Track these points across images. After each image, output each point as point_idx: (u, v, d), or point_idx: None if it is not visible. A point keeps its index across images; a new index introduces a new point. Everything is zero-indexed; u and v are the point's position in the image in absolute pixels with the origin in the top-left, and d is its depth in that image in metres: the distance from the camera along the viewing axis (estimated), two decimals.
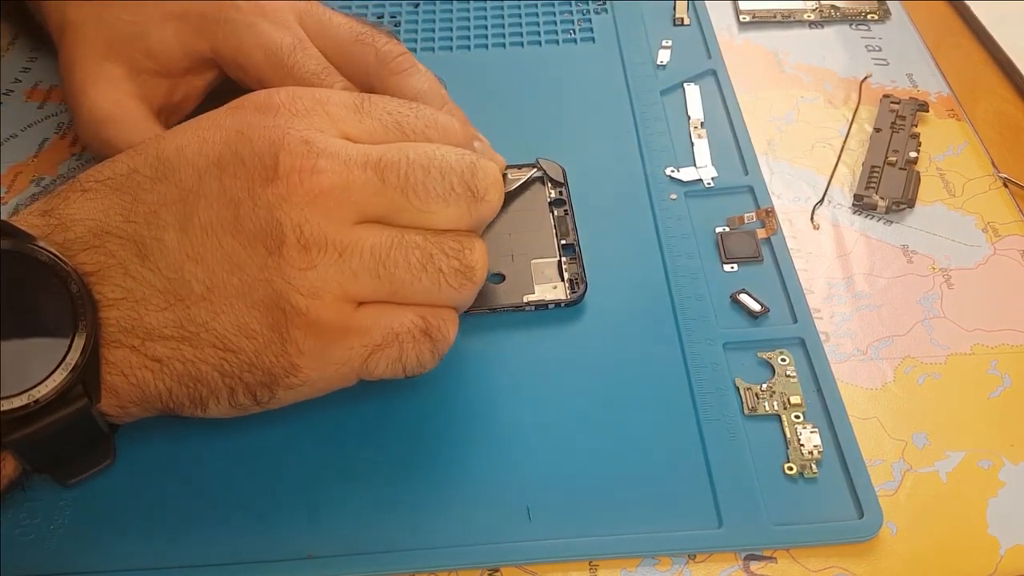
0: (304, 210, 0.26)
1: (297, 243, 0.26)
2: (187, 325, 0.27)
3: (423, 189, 0.27)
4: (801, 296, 0.35)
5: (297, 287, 0.26)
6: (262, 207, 0.26)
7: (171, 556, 0.29)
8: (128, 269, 0.26)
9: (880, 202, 0.38)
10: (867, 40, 0.47)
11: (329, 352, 0.27)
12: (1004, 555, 0.28)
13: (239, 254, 0.26)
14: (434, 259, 0.28)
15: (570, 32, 0.48)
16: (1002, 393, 0.32)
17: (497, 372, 0.33)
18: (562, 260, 0.36)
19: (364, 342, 0.28)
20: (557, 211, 0.38)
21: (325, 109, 0.29)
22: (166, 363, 0.27)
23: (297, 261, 0.26)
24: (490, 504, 0.29)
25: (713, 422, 0.31)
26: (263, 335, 0.27)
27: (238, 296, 0.26)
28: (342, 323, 0.27)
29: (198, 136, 0.28)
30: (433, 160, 0.28)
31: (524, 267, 0.36)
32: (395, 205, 0.27)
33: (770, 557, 0.28)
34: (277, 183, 0.26)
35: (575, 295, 0.35)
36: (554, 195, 0.38)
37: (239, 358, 0.27)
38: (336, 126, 0.28)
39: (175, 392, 0.27)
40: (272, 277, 0.26)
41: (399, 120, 0.29)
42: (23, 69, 0.47)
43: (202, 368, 0.27)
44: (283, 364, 0.27)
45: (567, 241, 0.37)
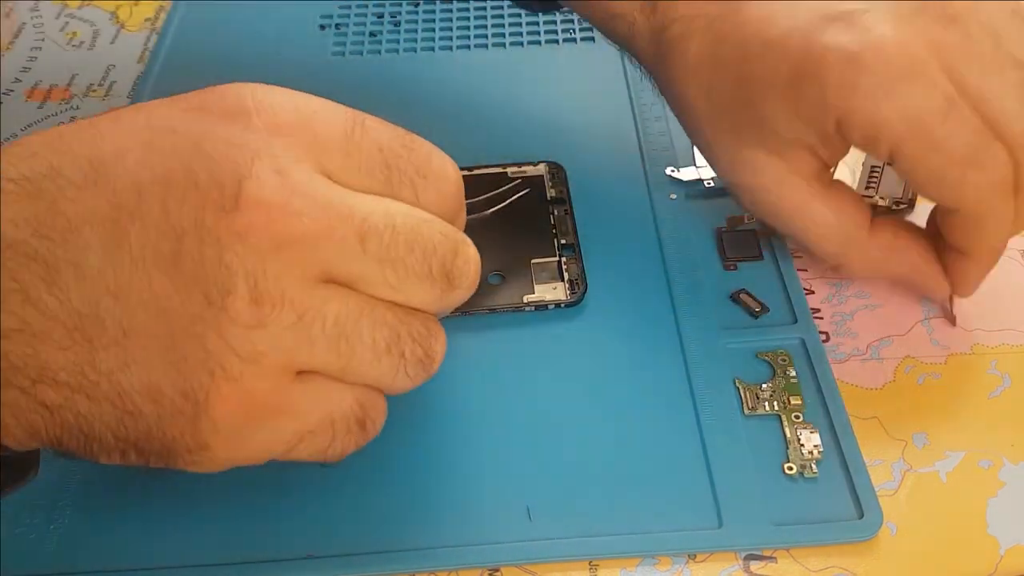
0: (264, 256, 0.22)
1: (248, 295, 0.22)
2: (88, 372, 0.22)
3: (402, 266, 0.24)
4: (801, 296, 0.35)
5: (235, 347, 0.22)
6: (210, 243, 0.22)
7: (171, 556, 0.29)
8: (30, 295, 0.22)
9: (880, 202, 0.38)
10: None
11: (251, 433, 0.23)
12: (1004, 555, 0.28)
13: (171, 297, 0.22)
14: (400, 342, 0.24)
15: (570, 32, 0.48)
16: (1002, 393, 0.32)
17: (497, 372, 0.33)
18: (562, 260, 0.36)
19: (295, 427, 0.24)
20: (557, 210, 0.38)
21: (311, 129, 0.24)
22: (56, 412, 0.22)
23: (243, 317, 0.22)
24: (490, 504, 0.29)
25: (713, 422, 0.31)
26: (172, 401, 0.22)
27: (158, 348, 0.22)
28: (277, 400, 0.23)
29: (145, 140, 0.23)
30: (419, 236, 0.24)
31: (524, 267, 0.36)
32: (367, 275, 0.24)
33: (770, 557, 0.28)
34: (235, 216, 0.22)
35: (575, 296, 0.35)
36: (554, 194, 0.38)
37: (138, 424, 0.23)
38: (317, 156, 0.24)
39: (65, 442, 0.23)
40: (206, 332, 0.22)
41: (389, 161, 0.25)
42: (23, 69, 0.47)
43: (95, 426, 0.23)
44: (188, 441, 0.23)
45: (567, 241, 0.36)
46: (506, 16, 0.49)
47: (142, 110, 0.24)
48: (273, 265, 0.22)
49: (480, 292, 0.30)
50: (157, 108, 0.24)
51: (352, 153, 0.24)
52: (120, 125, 0.24)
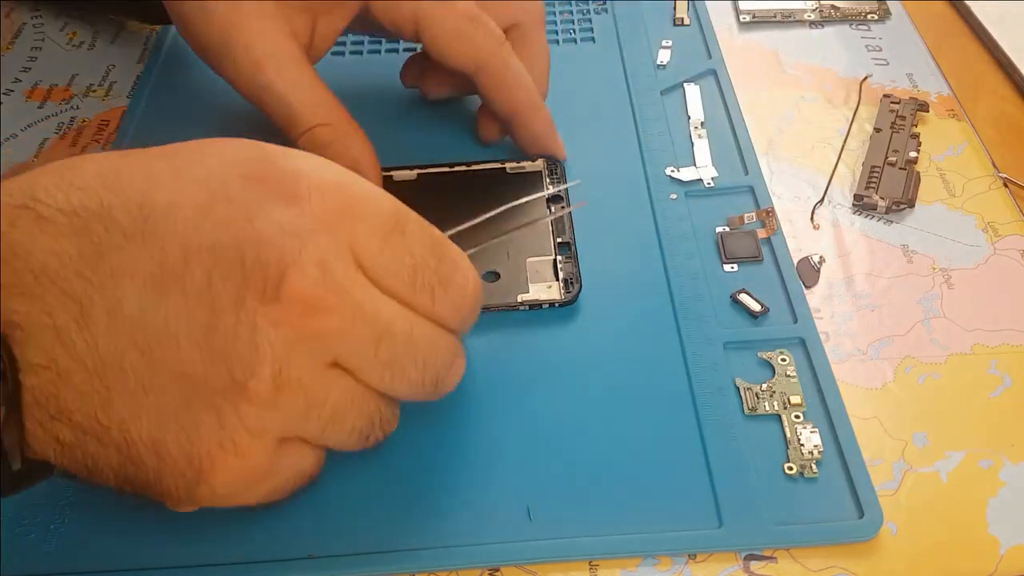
0: (293, 346, 0.23)
1: (271, 380, 0.23)
2: (102, 418, 0.23)
3: (401, 373, 0.26)
4: (801, 296, 0.35)
5: (248, 425, 0.23)
6: (246, 325, 0.23)
7: (171, 556, 0.29)
8: (61, 335, 0.22)
9: (880, 202, 0.38)
10: (867, 40, 0.47)
11: (240, 494, 0.25)
12: (1004, 555, 0.28)
13: (196, 366, 0.23)
14: (374, 429, 0.27)
15: (570, 32, 0.48)
16: (1002, 393, 0.32)
17: (497, 372, 0.33)
18: (558, 259, 0.36)
19: (274, 484, 0.26)
20: (554, 208, 0.38)
21: (355, 227, 0.24)
22: (67, 449, 0.23)
23: (262, 399, 0.23)
24: (490, 504, 0.29)
25: (713, 422, 0.31)
26: (176, 462, 0.23)
27: (173, 409, 0.23)
28: (268, 467, 0.25)
29: (199, 201, 0.23)
30: (428, 351, 0.26)
31: (519, 265, 0.35)
32: (370, 370, 0.25)
33: (770, 557, 0.28)
34: (275, 306, 0.23)
35: (569, 295, 0.34)
36: (551, 191, 0.38)
37: (139, 472, 0.24)
38: (354, 246, 0.24)
39: (71, 471, 0.24)
40: (224, 406, 0.23)
41: (417, 267, 0.25)
42: (23, 69, 0.47)
43: (100, 465, 0.24)
44: (184, 496, 0.24)
45: (563, 239, 0.36)
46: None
47: (203, 162, 0.25)
48: (298, 355, 0.23)
49: None
50: (218, 166, 0.24)
51: (386, 252, 0.25)
52: (178, 176, 0.24)
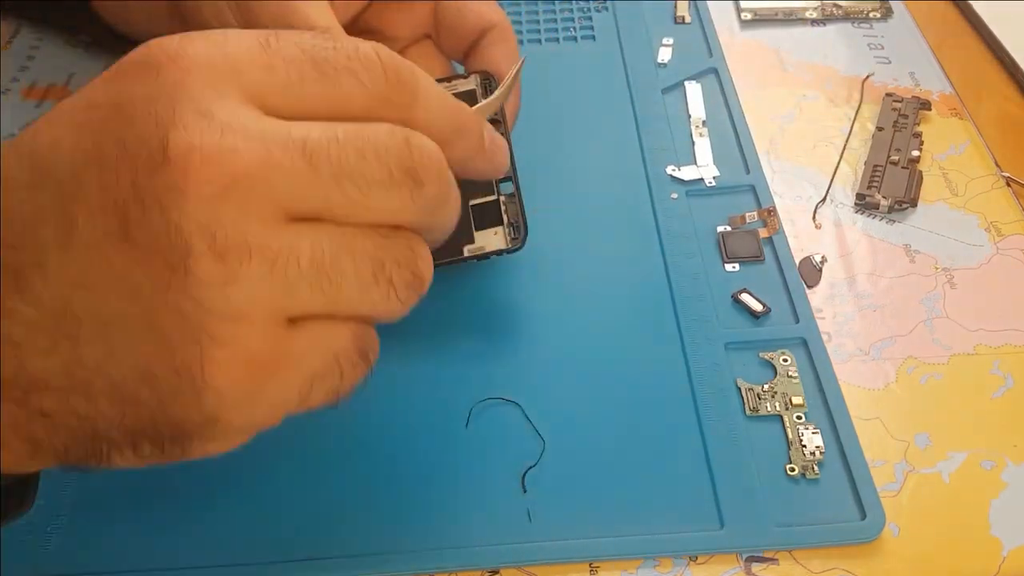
0: (213, 207, 0.20)
1: (209, 252, 0.20)
2: (76, 371, 0.21)
3: (360, 177, 0.22)
4: (803, 296, 0.35)
5: (216, 310, 0.21)
6: (152, 206, 0.20)
7: (170, 557, 0.28)
8: (4, 306, 0.21)
9: (882, 201, 0.38)
10: (869, 38, 0.47)
11: (259, 393, 0.22)
12: (1007, 556, 0.28)
13: (135, 274, 0.21)
14: (385, 269, 0.23)
15: (571, 30, 0.48)
16: (1005, 393, 0.32)
17: (496, 373, 0.33)
18: (501, 199, 0.31)
19: (302, 375, 0.23)
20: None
21: (225, 59, 0.22)
22: (57, 418, 0.21)
23: (213, 276, 0.20)
24: (490, 505, 0.29)
25: (714, 423, 0.31)
26: (168, 381, 0.21)
27: (138, 329, 0.21)
28: (275, 352, 0.22)
29: (73, 122, 0.22)
30: (365, 139, 0.22)
31: (463, 210, 0.30)
32: (328, 199, 0.22)
33: (772, 558, 0.28)
34: (168, 172, 0.20)
35: (516, 242, 0.31)
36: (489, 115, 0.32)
37: (140, 412, 0.21)
38: (240, 83, 0.22)
39: (72, 449, 0.22)
40: (180, 302, 0.20)
41: (315, 57, 0.22)
42: (21, 68, 0.46)
43: (99, 424, 0.22)
44: (196, 417, 0.22)
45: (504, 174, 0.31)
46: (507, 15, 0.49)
47: (75, 95, 0.23)
48: (227, 213, 0.20)
49: None
50: (83, 89, 0.23)
51: (275, 65, 0.22)
52: (54, 114, 0.22)
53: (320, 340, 0.23)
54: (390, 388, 0.32)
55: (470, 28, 0.35)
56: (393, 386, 0.32)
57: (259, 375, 0.22)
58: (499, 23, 0.35)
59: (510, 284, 0.36)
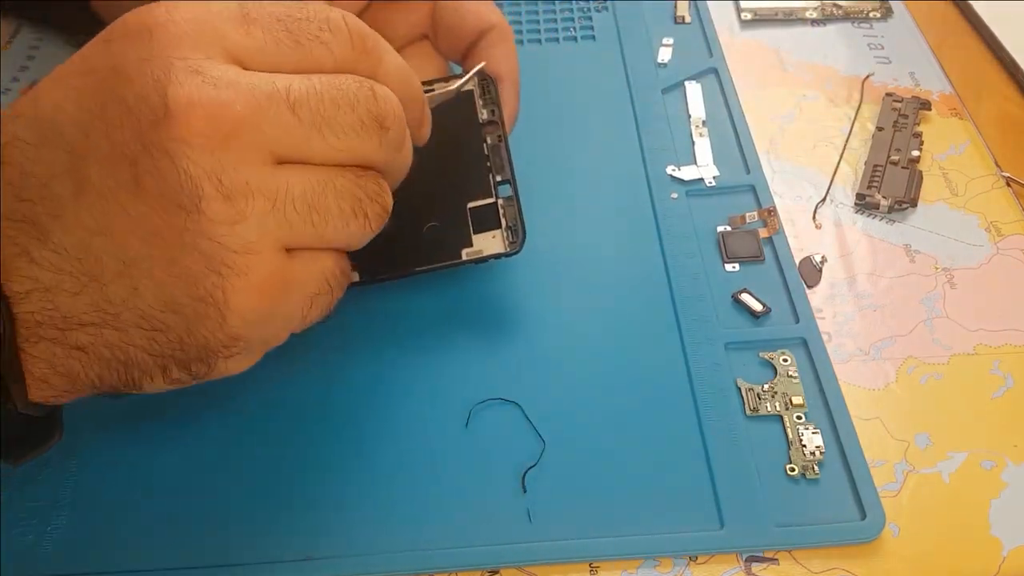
0: (216, 154, 0.23)
1: (218, 194, 0.23)
2: (105, 307, 0.24)
3: (337, 125, 0.25)
4: (803, 296, 0.35)
5: (230, 245, 0.23)
6: (161, 157, 0.23)
7: (169, 558, 0.28)
8: (32, 255, 0.23)
9: (883, 201, 0.38)
10: (869, 38, 0.47)
11: (273, 312, 0.25)
12: (1007, 556, 0.28)
13: (151, 219, 0.23)
14: (362, 204, 0.26)
15: (571, 30, 0.48)
16: (1005, 393, 0.32)
17: (496, 373, 0.33)
18: (499, 202, 0.32)
19: (303, 294, 0.26)
20: (490, 137, 0.32)
21: (209, 24, 0.25)
22: (91, 350, 0.24)
23: (224, 215, 0.23)
24: (490, 505, 0.29)
25: (714, 423, 0.31)
26: (193, 308, 0.24)
27: (160, 266, 0.23)
28: (283, 277, 0.25)
29: (74, 86, 0.24)
30: (339, 90, 0.25)
31: (460, 213, 0.31)
32: (311, 143, 0.25)
33: (772, 558, 0.28)
34: (171, 124, 0.23)
35: (514, 246, 0.31)
36: (486, 115, 0.33)
37: (168, 336, 0.24)
38: (223, 46, 0.25)
39: (105, 378, 0.25)
40: (197, 240, 0.23)
41: (290, 27, 0.25)
42: (21, 68, 0.46)
43: (130, 352, 0.24)
44: (220, 337, 0.24)
45: (502, 177, 0.32)
46: (507, 15, 0.49)
47: (68, 62, 0.25)
48: (229, 159, 0.23)
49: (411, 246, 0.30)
50: (76, 57, 0.25)
51: (253, 32, 0.25)
52: (51, 81, 0.25)
53: (313, 265, 0.26)
54: (390, 388, 0.32)
55: (468, 29, 0.36)
56: (393, 386, 0.32)
57: (271, 297, 0.25)
58: (498, 24, 0.36)
59: (510, 284, 0.36)
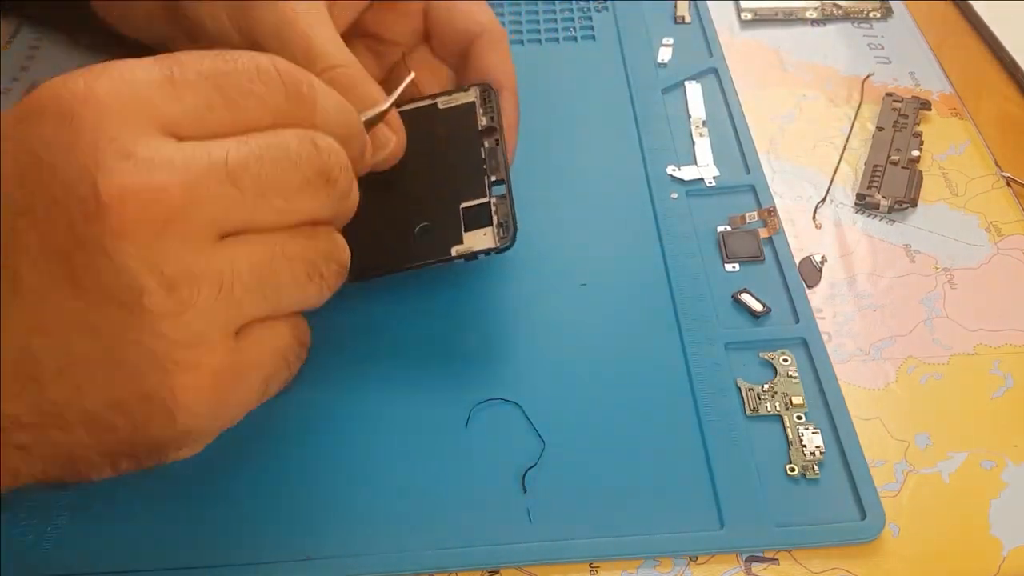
0: (155, 245, 0.21)
1: (160, 287, 0.22)
2: (47, 408, 0.22)
3: (282, 188, 0.23)
4: (803, 296, 0.35)
5: (176, 339, 0.22)
6: (97, 253, 0.21)
7: (169, 557, 0.28)
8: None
9: (883, 201, 0.38)
10: (869, 38, 0.47)
11: (226, 402, 0.24)
12: (1007, 556, 0.28)
13: (90, 316, 0.22)
14: (316, 266, 0.25)
15: (571, 30, 0.48)
16: (1005, 393, 0.32)
17: (496, 373, 0.33)
18: (492, 201, 0.32)
19: (259, 376, 0.25)
20: (488, 142, 0.33)
21: (134, 96, 0.22)
22: (34, 450, 0.23)
23: (167, 308, 0.22)
24: (491, 505, 0.29)
25: (714, 423, 0.31)
26: (139, 407, 0.23)
27: (102, 366, 0.22)
28: (235, 365, 0.24)
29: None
30: (280, 150, 0.24)
31: (453, 213, 0.32)
32: (256, 212, 0.23)
33: (772, 558, 0.28)
34: (105, 218, 0.21)
35: (504, 241, 0.31)
36: (485, 122, 0.34)
37: (117, 436, 0.23)
38: (152, 116, 0.22)
39: (50, 472, 0.23)
40: (140, 336, 0.22)
41: (219, 84, 0.23)
42: (21, 68, 0.46)
43: (76, 451, 0.23)
44: (171, 434, 0.23)
45: (497, 177, 0.32)
46: (507, 15, 0.49)
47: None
48: (169, 247, 0.22)
49: (408, 248, 0.30)
50: None
51: (182, 96, 0.23)
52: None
53: (268, 342, 0.25)
54: (390, 389, 0.32)
55: (460, 29, 0.35)
56: (393, 386, 0.32)
57: (223, 387, 0.23)
58: (489, 26, 0.35)
59: (510, 284, 0.36)
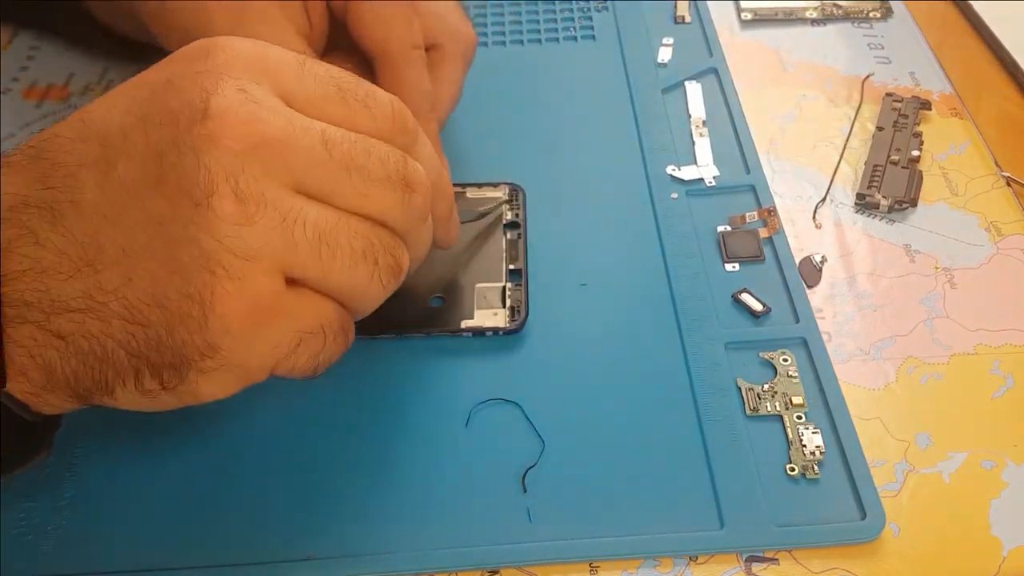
0: (240, 158, 0.23)
1: (232, 193, 0.23)
2: (95, 294, 0.23)
3: (366, 171, 0.25)
4: (803, 296, 0.35)
5: (230, 246, 0.23)
6: (187, 151, 0.23)
7: (169, 557, 0.28)
8: (39, 238, 0.23)
9: (883, 201, 0.38)
10: (869, 38, 0.47)
11: (258, 333, 0.24)
12: (1007, 556, 0.28)
13: (162, 211, 0.23)
14: (374, 249, 0.26)
15: (571, 30, 0.48)
16: (1005, 393, 0.32)
17: (496, 373, 0.33)
18: (507, 286, 0.35)
19: (295, 327, 0.25)
20: (511, 234, 0.37)
21: (267, 61, 0.26)
22: (71, 340, 0.24)
23: (231, 215, 0.23)
24: (490, 505, 0.29)
25: (715, 422, 0.31)
26: (179, 305, 0.23)
27: (157, 259, 0.23)
28: (275, 299, 0.24)
29: (126, 95, 0.25)
30: (373, 145, 0.26)
31: (468, 291, 0.35)
32: (336, 182, 0.25)
33: (772, 558, 0.28)
34: (205, 123, 0.23)
35: (514, 323, 0.34)
36: (510, 217, 0.37)
37: (147, 333, 0.24)
38: (275, 81, 0.25)
39: (81, 376, 0.24)
40: (199, 235, 0.23)
41: (340, 86, 0.26)
42: (21, 68, 0.46)
43: (108, 345, 0.24)
44: (199, 343, 0.24)
45: (515, 266, 0.35)
46: (507, 14, 0.49)
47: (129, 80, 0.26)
48: (250, 166, 0.24)
49: (417, 312, 0.32)
50: (136, 75, 0.26)
51: (305, 81, 0.26)
52: (107, 94, 0.26)
53: (311, 305, 0.26)
54: (390, 388, 0.32)
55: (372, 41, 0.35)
56: (393, 386, 0.32)
57: (259, 315, 0.24)
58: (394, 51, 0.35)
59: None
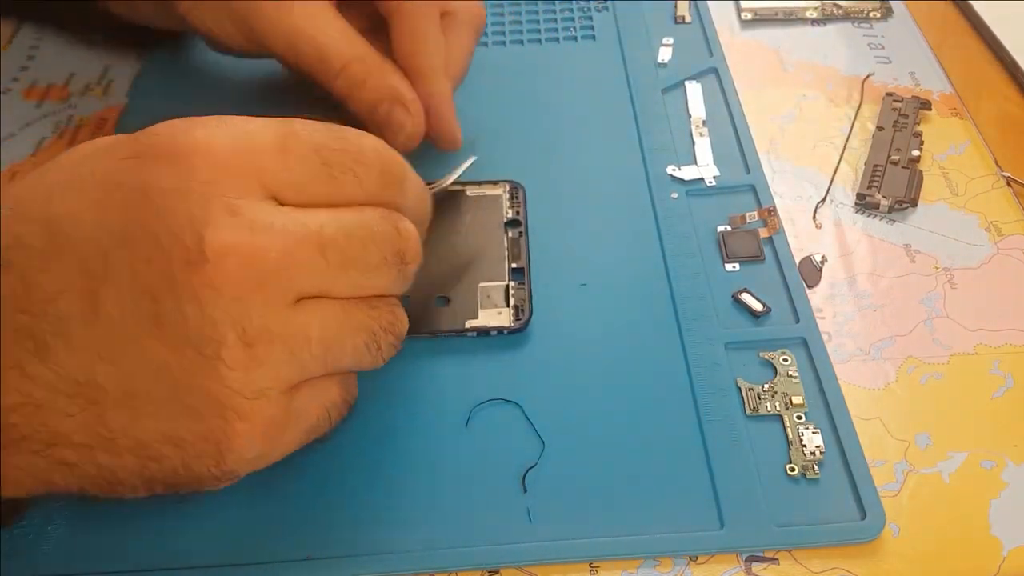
0: (243, 302, 0.23)
1: (239, 342, 0.23)
2: (101, 431, 0.23)
3: (362, 263, 0.26)
4: (803, 296, 0.35)
5: (240, 391, 0.23)
6: (188, 300, 0.22)
7: (169, 557, 0.28)
8: (25, 370, 0.22)
9: (883, 201, 0.38)
10: (869, 38, 0.47)
11: (273, 448, 0.25)
12: (1007, 556, 0.28)
13: (164, 358, 0.23)
14: (376, 337, 0.27)
15: (571, 30, 0.48)
16: (1005, 393, 0.32)
17: (496, 373, 0.33)
18: (510, 285, 0.35)
19: (303, 428, 0.26)
20: (512, 232, 0.37)
21: (249, 156, 0.24)
22: (77, 467, 0.23)
23: (240, 363, 0.23)
24: (490, 505, 0.29)
25: (714, 422, 0.31)
26: (194, 445, 0.23)
27: (165, 402, 0.23)
28: (285, 416, 0.25)
29: (94, 199, 0.23)
30: (366, 230, 0.26)
31: (471, 291, 0.35)
32: (334, 282, 0.25)
33: (772, 558, 0.28)
34: (205, 268, 0.22)
35: (519, 322, 0.34)
36: (511, 215, 0.37)
37: (162, 466, 0.24)
38: (261, 180, 0.24)
39: (88, 489, 0.24)
40: (208, 384, 0.23)
41: (326, 159, 0.25)
42: (21, 68, 0.46)
43: (119, 474, 0.24)
44: (216, 473, 0.24)
45: (518, 265, 0.35)
46: (507, 15, 0.49)
47: (84, 162, 0.24)
48: (253, 306, 0.23)
49: (422, 313, 0.32)
50: (98, 160, 0.24)
51: (291, 165, 0.25)
52: (70, 182, 0.24)
53: (316, 397, 0.26)
54: (390, 388, 0.32)
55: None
56: (393, 386, 0.32)
57: (272, 436, 0.25)
58: None
59: None
